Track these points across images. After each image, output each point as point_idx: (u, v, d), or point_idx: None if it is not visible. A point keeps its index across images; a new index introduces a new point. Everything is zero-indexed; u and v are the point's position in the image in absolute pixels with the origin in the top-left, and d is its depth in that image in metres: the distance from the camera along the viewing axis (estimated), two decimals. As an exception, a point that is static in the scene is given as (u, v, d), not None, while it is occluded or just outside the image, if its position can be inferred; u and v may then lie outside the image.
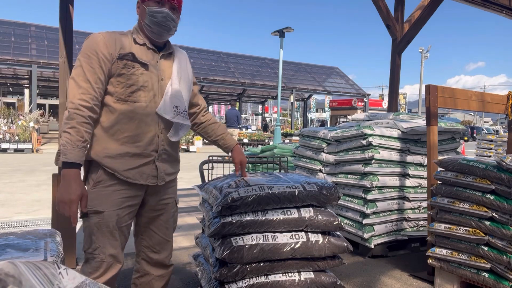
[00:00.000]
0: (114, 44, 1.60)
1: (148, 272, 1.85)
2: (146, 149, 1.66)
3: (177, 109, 1.72)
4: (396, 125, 3.62)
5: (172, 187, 1.87)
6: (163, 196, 1.82)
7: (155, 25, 1.64)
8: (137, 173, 1.66)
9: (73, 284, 0.69)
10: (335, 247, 1.83)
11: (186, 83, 1.81)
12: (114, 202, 1.63)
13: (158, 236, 1.84)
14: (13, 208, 4.85)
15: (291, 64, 27.18)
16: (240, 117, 12.71)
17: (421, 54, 35.10)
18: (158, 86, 1.69)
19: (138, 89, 1.63)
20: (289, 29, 14.44)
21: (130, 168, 1.64)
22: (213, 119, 2.07)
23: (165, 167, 1.76)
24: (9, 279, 0.61)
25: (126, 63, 1.61)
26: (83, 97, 1.53)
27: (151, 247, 1.84)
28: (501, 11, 4.82)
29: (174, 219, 1.92)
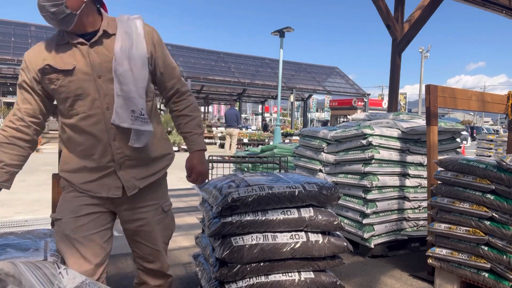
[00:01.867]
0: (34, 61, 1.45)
1: (145, 281, 1.75)
2: (101, 161, 1.50)
3: (134, 113, 1.46)
4: (396, 125, 3.62)
5: (152, 193, 1.64)
6: (139, 205, 1.61)
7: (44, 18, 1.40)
8: (97, 186, 1.52)
9: (73, 284, 0.70)
10: (335, 247, 1.83)
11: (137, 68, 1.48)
12: (72, 208, 1.51)
13: (146, 247, 1.67)
14: (13, 208, 4.85)
15: (291, 64, 27.16)
16: (240, 117, 12.70)
17: (421, 54, 35.10)
18: (95, 88, 1.45)
19: (75, 100, 1.46)
20: (289, 29, 14.44)
21: (88, 181, 1.52)
22: (186, 110, 1.67)
23: (134, 173, 1.55)
24: (9, 279, 0.61)
25: (49, 77, 1.45)
26: (10, 118, 1.50)
27: (143, 258, 1.70)
28: (501, 11, 4.82)
29: (163, 226, 1.69)
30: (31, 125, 1.51)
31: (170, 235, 1.77)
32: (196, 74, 20.55)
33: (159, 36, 1.61)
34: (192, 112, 1.68)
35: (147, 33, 1.55)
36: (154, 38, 1.57)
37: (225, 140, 12.45)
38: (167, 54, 1.64)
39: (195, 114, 1.68)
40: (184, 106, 1.67)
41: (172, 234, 1.79)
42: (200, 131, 1.70)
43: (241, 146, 16.25)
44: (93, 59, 1.45)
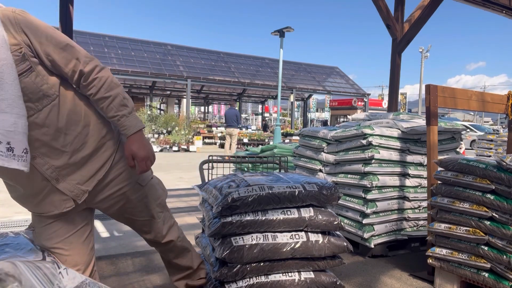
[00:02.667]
0: None
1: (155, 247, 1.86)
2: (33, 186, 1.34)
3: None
4: (396, 125, 3.62)
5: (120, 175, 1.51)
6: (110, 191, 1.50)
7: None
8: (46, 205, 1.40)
9: (73, 284, 0.70)
10: (335, 247, 1.83)
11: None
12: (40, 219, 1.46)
13: (137, 220, 1.66)
14: (13, 207, 4.85)
15: (291, 64, 27.16)
16: (239, 116, 12.70)
17: (421, 54, 35.11)
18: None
19: None
20: (289, 29, 14.44)
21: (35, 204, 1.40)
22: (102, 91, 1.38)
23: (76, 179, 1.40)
24: (9, 279, 0.61)
25: None
26: None
27: (139, 230, 1.73)
28: (501, 10, 4.82)
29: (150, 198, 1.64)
30: None
31: (162, 202, 1.75)
32: (196, 74, 20.56)
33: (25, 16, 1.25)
34: (110, 92, 1.38)
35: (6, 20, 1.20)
36: (21, 23, 1.23)
37: (225, 140, 12.45)
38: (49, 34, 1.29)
39: (114, 93, 1.39)
40: (98, 87, 1.37)
41: (164, 199, 1.77)
42: (128, 110, 1.41)
43: (241, 146, 16.26)
44: None
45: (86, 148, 1.41)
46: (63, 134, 1.34)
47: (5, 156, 1.18)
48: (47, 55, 1.29)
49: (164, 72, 19.35)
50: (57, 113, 1.32)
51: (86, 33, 20.84)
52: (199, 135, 17.79)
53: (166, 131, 16.72)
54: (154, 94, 25.66)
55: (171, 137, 15.80)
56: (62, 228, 1.46)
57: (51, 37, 1.29)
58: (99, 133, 1.44)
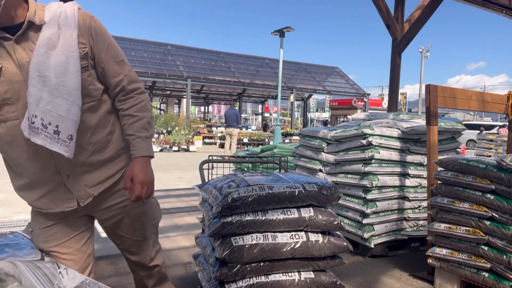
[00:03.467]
0: None
1: (135, 271, 1.77)
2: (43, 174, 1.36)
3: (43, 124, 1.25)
4: (396, 125, 3.62)
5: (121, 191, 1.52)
6: (113, 202, 1.52)
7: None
8: (48, 201, 1.40)
9: (73, 284, 0.69)
10: (335, 247, 1.83)
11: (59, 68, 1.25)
12: (38, 220, 1.47)
13: (128, 239, 1.63)
14: (13, 207, 4.85)
15: (291, 64, 27.17)
16: (239, 116, 12.70)
17: (421, 53, 35.11)
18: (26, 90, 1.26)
19: (2, 104, 1.27)
20: (289, 28, 14.44)
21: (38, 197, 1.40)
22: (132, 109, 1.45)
23: (85, 180, 1.41)
24: (9, 279, 0.61)
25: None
26: None
27: (127, 250, 1.68)
28: (501, 10, 4.82)
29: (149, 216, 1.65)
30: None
31: (156, 223, 1.75)
32: (196, 74, 20.56)
33: (98, 24, 1.39)
34: (139, 112, 1.46)
35: (82, 22, 1.34)
36: (92, 28, 1.36)
37: (225, 140, 12.45)
38: (111, 46, 1.42)
39: (141, 115, 1.46)
40: (130, 105, 1.45)
41: (158, 222, 1.77)
42: (146, 134, 1.46)
43: (241, 146, 16.26)
44: (20, 57, 1.26)
45: (105, 153, 1.45)
46: (90, 133, 1.40)
47: (49, 138, 1.25)
48: (101, 62, 1.40)
49: (164, 72, 19.35)
50: (92, 113, 1.40)
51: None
52: (199, 135, 17.79)
53: (166, 131, 16.73)
54: (154, 94, 25.67)
55: (171, 137, 15.80)
56: (60, 232, 1.46)
57: (111, 49, 1.42)
58: (119, 143, 1.50)
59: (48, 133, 1.25)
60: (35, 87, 1.24)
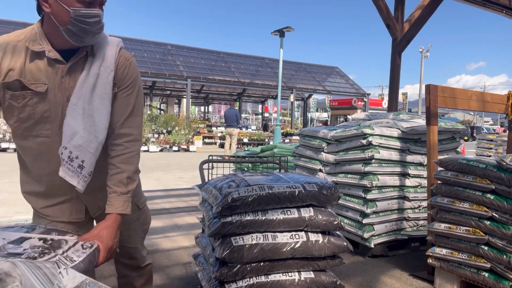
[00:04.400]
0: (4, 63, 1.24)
1: (126, 274, 1.80)
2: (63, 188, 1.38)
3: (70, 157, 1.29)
4: (396, 125, 3.62)
5: None
6: None
7: (82, 32, 1.23)
8: (57, 211, 1.43)
9: (73, 284, 0.69)
10: (335, 246, 1.83)
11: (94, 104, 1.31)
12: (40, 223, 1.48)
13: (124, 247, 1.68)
14: (14, 207, 4.85)
15: (291, 64, 27.17)
16: (239, 116, 12.70)
17: (421, 53, 35.11)
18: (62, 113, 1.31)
19: (38, 122, 1.30)
20: (289, 28, 14.44)
21: (47, 205, 1.43)
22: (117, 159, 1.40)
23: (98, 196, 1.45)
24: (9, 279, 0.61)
25: (14, 94, 1.24)
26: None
27: (121, 255, 1.72)
28: (501, 10, 4.82)
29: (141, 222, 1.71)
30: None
31: (147, 229, 1.81)
32: (196, 74, 20.56)
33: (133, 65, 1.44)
34: (121, 164, 1.39)
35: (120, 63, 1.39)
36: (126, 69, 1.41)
37: (225, 140, 12.45)
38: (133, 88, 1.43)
39: (124, 168, 1.39)
40: (116, 153, 1.40)
41: (148, 227, 1.83)
42: (123, 190, 1.37)
43: (241, 146, 16.26)
44: (66, 81, 1.30)
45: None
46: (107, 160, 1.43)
47: (71, 171, 1.30)
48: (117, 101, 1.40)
49: (164, 72, 19.35)
50: None
51: (86, 33, 20.82)
52: (199, 135, 17.79)
53: (166, 131, 16.72)
54: (154, 94, 25.66)
55: (171, 137, 15.80)
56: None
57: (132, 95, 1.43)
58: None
59: (72, 166, 1.30)
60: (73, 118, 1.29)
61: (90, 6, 1.21)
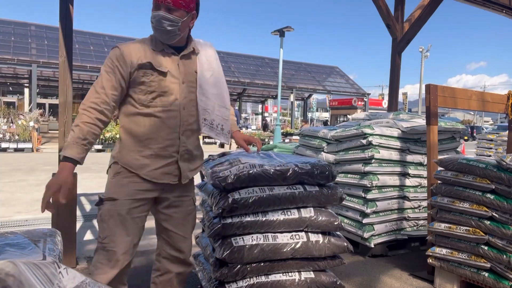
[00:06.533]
0: (133, 55, 1.67)
1: (169, 270, 1.88)
2: (168, 150, 1.73)
3: (205, 121, 1.82)
4: (396, 125, 3.62)
5: (189, 186, 1.88)
6: (180, 193, 1.84)
7: (155, 30, 1.69)
8: (161, 173, 1.73)
9: (73, 284, 0.69)
10: (335, 247, 1.83)
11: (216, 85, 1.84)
12: (128, 192, 1.70)
13: (175, 234, 1.85)
14: (14, 207, 4.85)
15: (291, 64, 27.16)
16: (239, 116, 12.70)
17: (421, 53, 35.10)
18: (179, 90, 1.74)
19: (159, 95, 1.70)
20: (289, 28, 14.44)
21: (154, 168, 1.72)
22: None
23: (188, 165, 1.81)
24: (9, 279, 0.61)
25: (145, 71, 1.68)
26: (94, 101, 1.64)
27: (171, 245, 1.86)
28: (501, 10, 4.81)
29: (192, 216, 1.92)
30: (112, 110, 1.69)
31: (195, 225, 1.96)
32: (196, 74, 20.52)
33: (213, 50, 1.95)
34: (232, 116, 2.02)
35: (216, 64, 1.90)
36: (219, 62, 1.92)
37: (225, 140, 12.45)
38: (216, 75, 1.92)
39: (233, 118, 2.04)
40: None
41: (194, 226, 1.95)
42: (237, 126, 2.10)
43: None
44: (181, 68, 1.75)
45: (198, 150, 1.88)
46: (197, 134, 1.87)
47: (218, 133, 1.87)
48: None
49: (164, 71, 19.31)
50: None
51: (86, 33, 20.83)
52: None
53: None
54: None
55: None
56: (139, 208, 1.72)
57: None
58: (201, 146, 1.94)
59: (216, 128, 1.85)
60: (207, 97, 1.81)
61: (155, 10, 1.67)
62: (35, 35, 19.30)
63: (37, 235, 1.68)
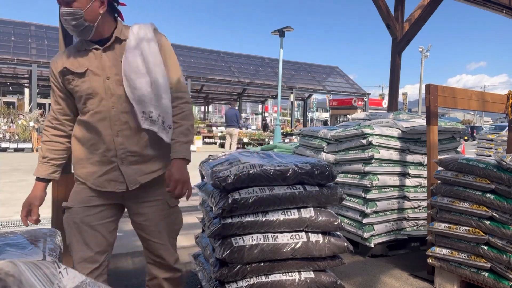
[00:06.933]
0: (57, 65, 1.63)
1: (155, 276, 1.80)
2: (106, 155, 1.62)
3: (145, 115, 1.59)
4: (396, 125, 3.62)
5: (157, 189, 1.71)
6: (145, 199, 1.70)
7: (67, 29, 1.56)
8: (105, 181, 1.63)
9: (73, 284, 0.69)
10: (335, 247, 1.83)
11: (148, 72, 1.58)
12: (82, 199, 1.66)
13: (153, 242, 1.74)
14: (13, 207, 4.85)
15: (291, 64, 27.15)
16: (239, 116, 12.70)
17: (421, 53, 35.10)
18: (104, 88, 1.59)
19: (87, 98, 1.61)
20: (289, 28, 14.43)
21: (98, 175, 1.64)
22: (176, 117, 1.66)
23: (136, 169, 1.64)
24: (9, 279, 0.61)
25: (67, 78, 1.61)
26: (48, 118, 1.71)
27: (152, 252, 1.77)
28: (501, 10, 4.82)
29: (170, 221, 1.78)
30: (65, 123, 1.70)
31: (177, 230, 1.85)
32: (196, 74, 20.54)
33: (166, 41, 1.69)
34: (181, 120, 1.66)
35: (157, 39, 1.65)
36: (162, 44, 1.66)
37: (225, 140, 12.45)
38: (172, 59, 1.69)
39: (182, 122, 1.66)
40: (175, 113, 1.66)
41: (179, 229, 1.87)
42: (185, 140, 1.65)
43: (241, 146, 16.25)
44: (103, 62, 1.59)
45: (155, 149, 1.67)
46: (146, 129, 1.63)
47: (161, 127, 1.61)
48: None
49: (164, 71, 19.30)
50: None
51: (86, 33, 20.79)
52: (199, 134, 17.78)
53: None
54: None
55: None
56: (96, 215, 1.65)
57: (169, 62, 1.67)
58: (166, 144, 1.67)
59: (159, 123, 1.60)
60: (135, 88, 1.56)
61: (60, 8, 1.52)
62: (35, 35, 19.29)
63: (37, 235, 1.68)
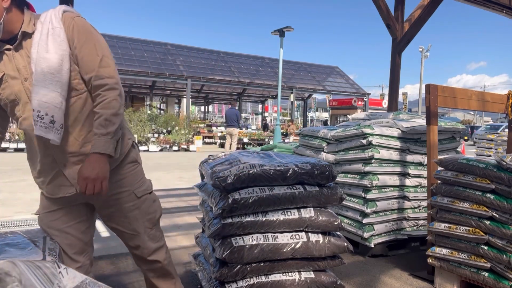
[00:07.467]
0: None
1: (139, 265, 1.82)
2: (44, 162, 1.53)
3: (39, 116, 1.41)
4: (396, 125, 3.62)
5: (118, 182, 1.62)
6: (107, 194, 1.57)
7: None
8: (52, 187, 1.57)
9: (73, 284, 0.69)
10: (335, 247, 1.83)
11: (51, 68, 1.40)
12: (44, 205, 1.65)
13: (123, 232, 1.69)
14: (14, 207, 4.85)
15: (291, 64, 27.15)
16: (240, 116, 12.71)
17: (421, 53, 35.10)
18: (24, 91, 1.45)
19: (13, 105, 1.49)
20: (289, 28, 14.43)
21: (47, 184, 1.58)
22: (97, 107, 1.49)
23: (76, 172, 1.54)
24: (9, 278, 0.61)
25: None
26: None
27: (127, 243, 1.74)
28: (501, 10, 4.82)
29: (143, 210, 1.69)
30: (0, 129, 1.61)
31: (153, 218, 1.75)
32: (196, 74, 20.54)
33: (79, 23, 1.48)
34: (100, 109, 1.48)
35: (66, 23, 1.46)
36: (72, 27, 1.46)
37: (225, 140, 12.46)
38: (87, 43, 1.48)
39: (102, 112, 1.47)
40: (96, 102, 1.50)
41: (156, 217, 1.77)
42: (103, 131, 1.46)
43: (242, 146, 16.26)
44: (17, 62, 1.45)
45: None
46: (81, 125, 1.52)
47: (45, 127, 1.41)
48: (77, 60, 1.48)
49: (164, 71, 19.34)
50: (81, 106, 1.52)
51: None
52: (199, 134, 17.79)
53: (166, 131, 16.72)
54: (154, 93, 25.65)
55: (171, 137, 15.79)
56: (61, 218, 1.60)
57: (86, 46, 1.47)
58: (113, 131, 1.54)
59: (44, 123, 1.41)
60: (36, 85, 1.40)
61: None
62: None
63: (37, 235, 1.68)
